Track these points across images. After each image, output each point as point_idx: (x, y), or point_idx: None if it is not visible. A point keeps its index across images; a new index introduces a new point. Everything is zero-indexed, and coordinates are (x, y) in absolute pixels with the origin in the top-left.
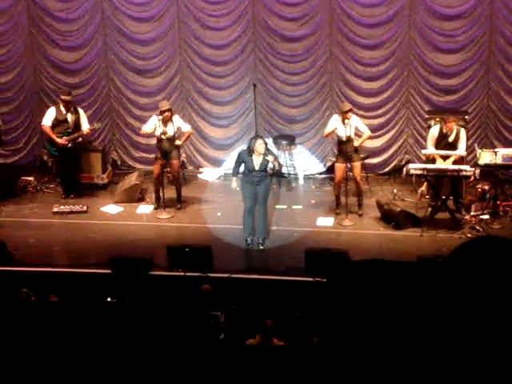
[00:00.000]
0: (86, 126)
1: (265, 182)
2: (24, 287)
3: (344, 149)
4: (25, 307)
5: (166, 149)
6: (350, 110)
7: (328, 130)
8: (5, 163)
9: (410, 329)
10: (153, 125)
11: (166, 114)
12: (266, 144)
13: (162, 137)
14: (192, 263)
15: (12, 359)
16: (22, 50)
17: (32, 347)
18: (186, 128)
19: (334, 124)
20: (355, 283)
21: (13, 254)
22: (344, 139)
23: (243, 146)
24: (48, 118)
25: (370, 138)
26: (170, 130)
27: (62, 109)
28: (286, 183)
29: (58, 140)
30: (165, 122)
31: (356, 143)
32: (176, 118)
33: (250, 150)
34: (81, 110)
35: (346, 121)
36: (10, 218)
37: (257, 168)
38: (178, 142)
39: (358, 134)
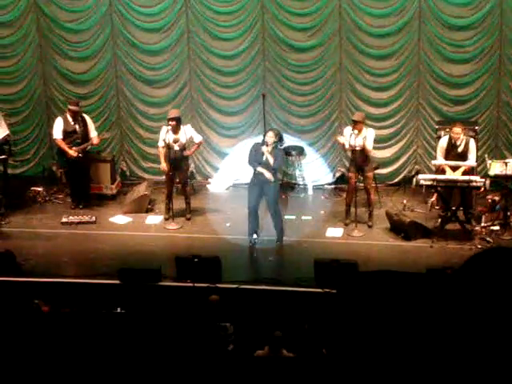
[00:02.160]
0: (93, 134)
1: (273, 186)
2: (32, 298)
3: (355, 158)
4: (36, 318)
5: (174, 158)
6: (356, 122)
7: (341, 140)
8: (14, 174)
9: (420, 340)
10: (164, 135)
11: (171, 122)
12: (278, 137)
13: (174, 146)
14: (200, 274)
15: (23, 367)
16: (31, 61)
17: (41, 355)
18: (198, 138)
19: (346, 134)
20: (365, 294)
21: (21, 264)
22: (350, 149)
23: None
24: (58, 131)
25: (369, 152)
26: (183, 138)
27: (70, 119)
28: (295, 194)
29: (71, 152)
30: (174, 130)
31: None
32: (188, 128)
33: (263, 142)
34: (88, 118)
35: (355, 131)
36: (18, 229)
37: (263, 159)
38: (186, 152)
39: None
